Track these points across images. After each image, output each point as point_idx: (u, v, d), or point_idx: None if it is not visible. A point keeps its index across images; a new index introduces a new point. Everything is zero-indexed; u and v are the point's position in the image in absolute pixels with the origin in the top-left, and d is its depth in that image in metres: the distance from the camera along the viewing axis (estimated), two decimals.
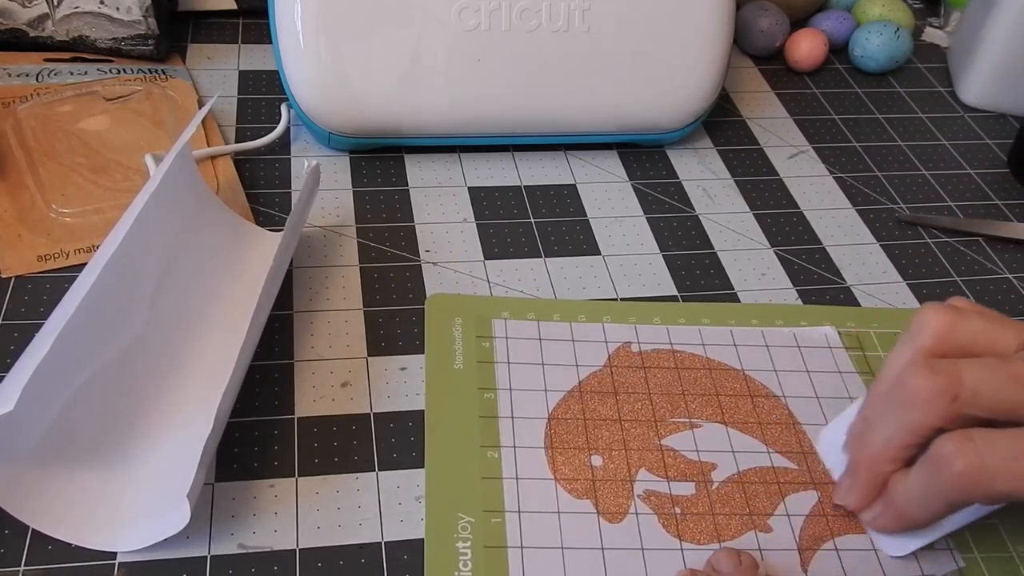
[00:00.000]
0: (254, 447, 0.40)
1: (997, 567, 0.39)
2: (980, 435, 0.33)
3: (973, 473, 0.33)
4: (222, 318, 0.44)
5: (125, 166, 0.52)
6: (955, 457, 0.33)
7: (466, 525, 0.38)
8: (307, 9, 0.51)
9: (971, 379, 0.34)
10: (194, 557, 0.36)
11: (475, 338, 0.45)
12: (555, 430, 0.42)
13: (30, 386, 0.34)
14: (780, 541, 0.39)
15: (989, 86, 0.66)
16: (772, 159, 0.60)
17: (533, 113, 0.55)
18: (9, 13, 0.57)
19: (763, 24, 0.67)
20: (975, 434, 0.33)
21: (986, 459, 0.33)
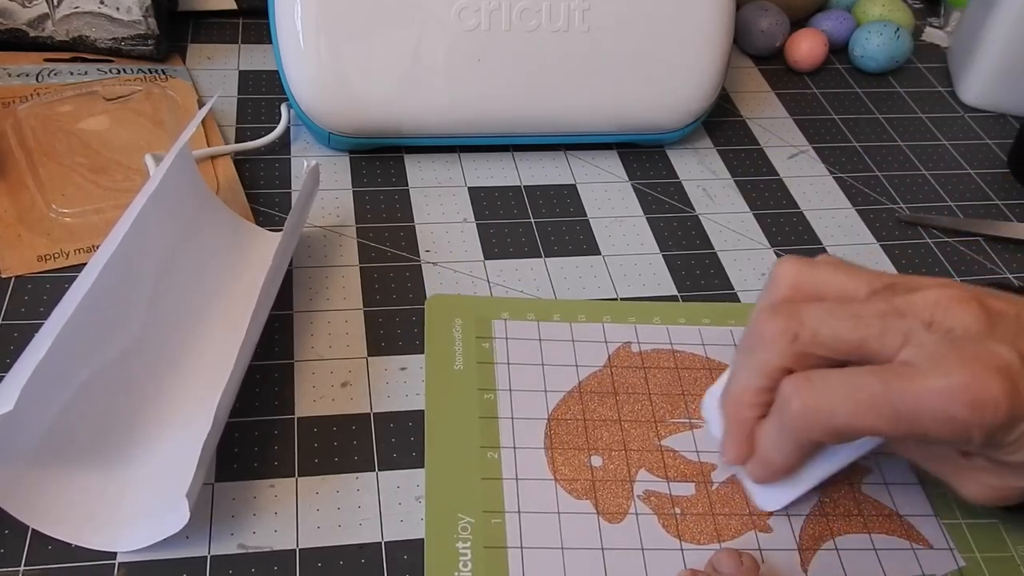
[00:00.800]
0: (254, 447, 0.40)
1: (997, 567, 0.39)
2: (818, 374, 0.34)
3: (810, 410, 0.34)
4: (222, 318, 0.44)
5: (125, 166, 0.52)
6: (793, 396, 0.34)
7: (466, 526, 0.38)
8: (307, 9, 0.51)
9: (811, 319, 0.34)
10: (194, 557, 0.36)
11: (475, 339, 0.45)
12: (555, 430, 0.42)
13: (30, 386, 0.34)
14: (780, 541, 0.39)
15: (989, 86, 0.66)
16: (772, 159, 0.60)
17: (533, 113, 0.55)
18: (9, 13, 0.57)
19: (763, 24, 0.67)
20: (813, 374, 0.34)
21: (821, 396, 0.34)
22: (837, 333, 0.34)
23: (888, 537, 0.40)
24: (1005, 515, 0.41)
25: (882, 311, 0.34)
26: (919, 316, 0.33)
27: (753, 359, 0.36)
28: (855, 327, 0.34)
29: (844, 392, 0.33)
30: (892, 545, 0.40)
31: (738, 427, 0.38)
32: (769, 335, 0.35)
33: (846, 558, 0.39)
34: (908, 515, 0.41)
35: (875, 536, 0.40)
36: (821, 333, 0.34)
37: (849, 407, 0.33)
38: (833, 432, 0.34)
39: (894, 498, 0.41)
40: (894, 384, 0.32)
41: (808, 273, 0.36)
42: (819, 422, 0.34)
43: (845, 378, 0.34)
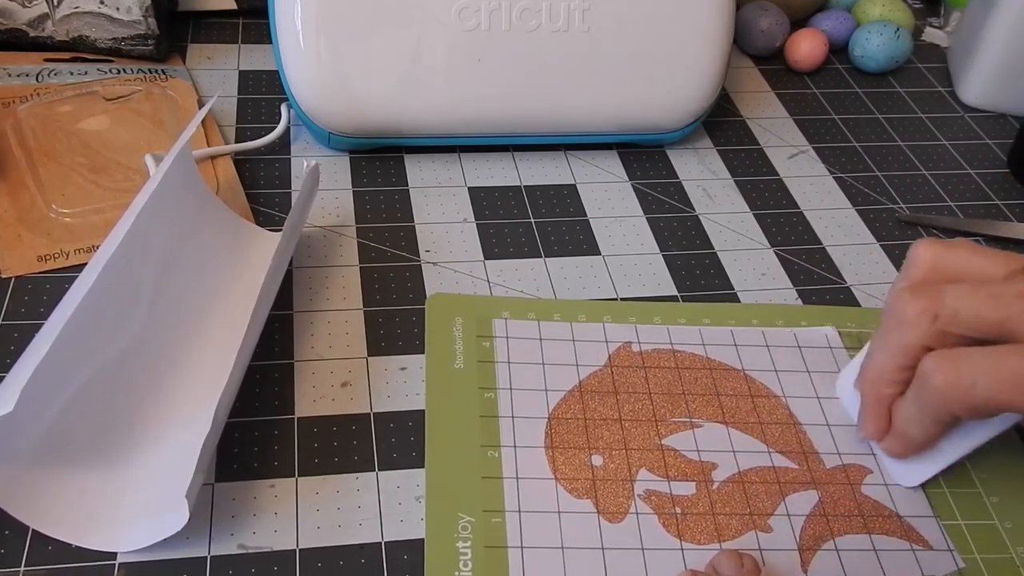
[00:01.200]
0: (254, 447, 0.40)
1: (997, 567, 0.39)
2: (960, 351, 0.35)
3: (951, 385, 0.35)
4: (222, 318, 0.44)
5: (125, 166, 0.52)
6: (934, 371, 0.35)
7: (466, 525, 0.38)
8: (307, 9, 0.51)
9: (951, 299, 0.35)
10: (194, 557, 0.36)
11: (475, 338, 0.45)
12: (555, 430, 0.42)
13: (30, 386, 0.34)
14: (780, 541, 0.39)
15: (989, 86, 0.66)
16: (772, 159, 0.60)
17: (533, 113, 0.55)
18: (9, 13, 0.57)
19: (763, 24, 0.67)
20: (955, 351, 0.35)
21: (963, 371, 0.34)
22: (978, 312, 0.35)
23: (888, 538, 0.40)
24: (1005, 516, 0.41)
25: (1021, 291, 0.34)
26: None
27: (893, 338, 0.37)
28: (996, 307, 0.34)
29: (986, 368, 0.34)
30: (892, 546, 0.40)
31: (877, 403, 0.39)
32: (910, 315, 0.36)
33: (846, 559, 0.39)
34: (908, 516, 0.41)
35: (875, 537, 0.40)
36: (962, 313, 0.35)
37: (991, 383, 0.34)
38: (974, 407, 0.35)
39: (894, 499, 0.41)
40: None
41: (945, 255, 0.37)
42: (960, 397, 0.35)
43: (987, 355, 0.34)
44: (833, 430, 0.44)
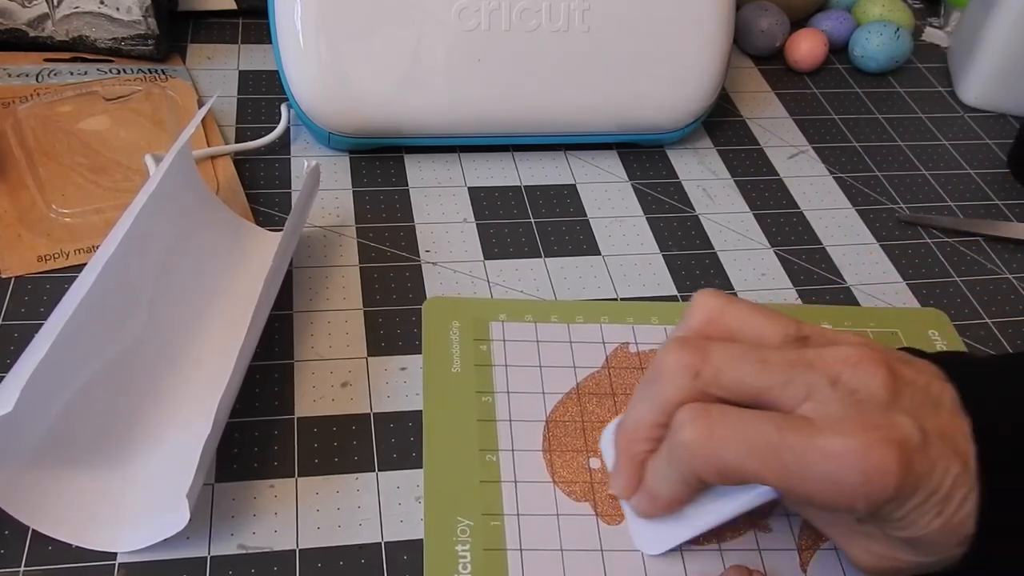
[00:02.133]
0: (254, 447, 0.40)
1: None
2: (716, 408, 0.33)
3: (700, 441, 0.32)
4: (222, 318, 0.44)
5: (125, 166, 0.52)
6: (685, 424, 0.33)
7: (465, 528, 0.38)
8: (307, 9, 0.51)
9: (717, 357, 0.33)
10: (194, 558, 0.36)
11: (472, 341, 0.45)
12: (553, 433, 0.42)
13: (29, 387, 0.34)
14: (779, 541, 0.39)
15: (989, 86, 0.66)
16: (772, 159, 0.60)
17: (533, 113, 0.55)
18: (9, 13, 0.57)
19: (763, 24, 0.67)
20: (711, 407, 0.33)
21: (715, 429, 0.32)
22: (740, 376, 0.33)
23: None
24: None
25: (790, 361, 0.33)
26: (826, 372, 0.32)
27: (651, 392, 0.35)
28: (760, 373, 0.33)
29: (738, 431, 0.32)
30: None
31: (629, 460, 0.37)
32: (671, 368, 0.34)
33: (845, 558, 0.39)
34: None
35: None
36: (724, 373, 0.33)
37: (740, 448, 0.32)
38: (720, 471, 0.33)
39: None
40: (789, 436, 0.31)
41: (725, 310, 0.35)
42: (707, 456, 0.32)
43: (742, 418, 0.32)
44: None
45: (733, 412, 0.33)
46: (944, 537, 0.32)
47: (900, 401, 0.32)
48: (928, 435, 0.31)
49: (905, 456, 0.30)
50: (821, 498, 0.31)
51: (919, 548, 0.33)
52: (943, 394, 0.33)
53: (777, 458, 0.31)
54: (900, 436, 0.30)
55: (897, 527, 0.32)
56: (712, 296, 0.36)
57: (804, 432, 0.31)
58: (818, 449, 0.31)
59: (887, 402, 0.31)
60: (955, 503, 0.31)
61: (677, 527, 0.37)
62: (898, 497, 0.31)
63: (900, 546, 0.33)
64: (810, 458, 0.31)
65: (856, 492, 0.30)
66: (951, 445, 0.31)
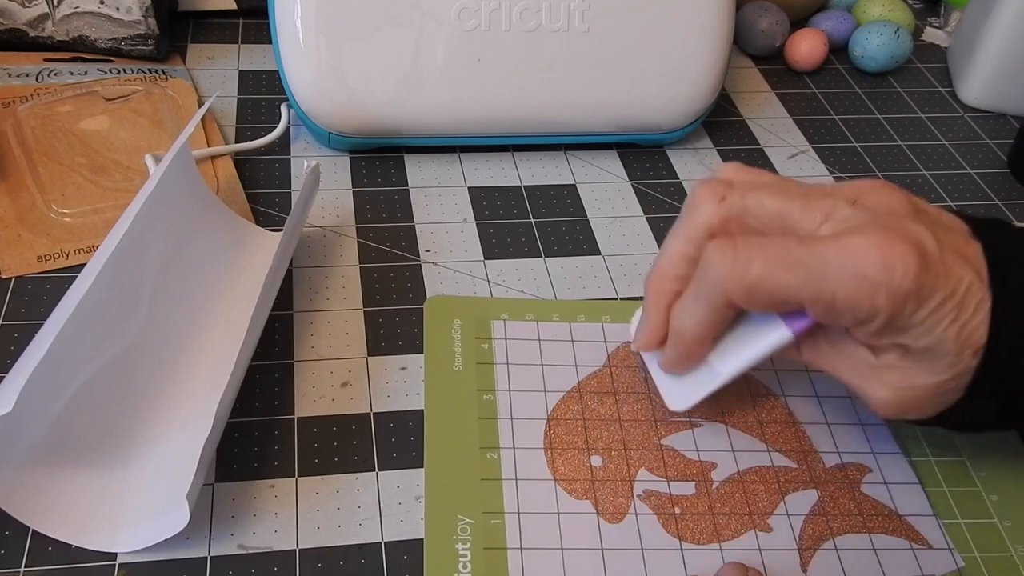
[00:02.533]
0: (254, 447, 0.40)
1: (997, 566, 0.39)
2: (740, 236, 0.35)
3: (727, 262, 0.34)
4: (222, 318, 0.44)
5: (125, 166, 0.52)
6: (713, 251, 0.35)
7: (465, 527, 0.38)
8: (307, 9, 0.51)
9: (742, 185, 0.36)
10: (194, 558, 0.36)
11: (474, 339, 0.45)
12: (554, 431, 0.42)
13: (29, 387, 0.34)
14: (780, 541, 0.39)
15: (989, 86, 0.66)
16: (772, 159, 0.60)
17: (533, 113, 0.55)
18: (9, 13, 0.57)
19: (763, 24, 0.67)
20: (737, 235, 0.35)
21: (740, 250, 0.34)
22: (762, 201, 0.35)
23: (888, 537, 0.40)
24: (1004, 515, 0.41)
25: (809, 191, 0.35)
26: (844, 196, 0.35)
27: (682, 224, 0.37)
28: (780, 197, 0.35)
29: (762, 249, 0.34)
30: (892, 545, 0.40)
31: (657, 301, 0.38)
32: (699, 197, 0.36)
33: (846, 558, 0.39)
34: (908, 515, 0.41)
35: (875, 536, 0.40)
36: (748, 197, 0.36)
37: (765, 261, 0.34)
38: (748, 287, 0.34)
39: (894, 498, 0.41)
40: (809, 243, 0.33)
41: (749, 169, 0.38)
42: (737, 276, 0.34)
43: (765, 240, 0.35)
44: (832, 429, 0.44)
45: (756, 237, 0.35)
46: (959, 345, 0.33)
47: (917, 217, 0.34)
48: (943, 244, 0.33)
49: (921, 254, 0.32)
50: (844, 297, 0.33)
51: (936, 362, 0.34)
52: (955, 223, 0.35)
53: (800, 265, 0.33)
54: (917, 238, 0.32)
55: (915, 334, 0.33)
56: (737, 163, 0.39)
57: (824, 240, 0.33)
58: (838, 248, 0.32)
59: (904, 215, 0.34)
60: (969, 310, 0.33)
61: (702, 379, 0.39)
62: (918, 294, 0.32)
63: (918, 369, 0.35)
64: (831, 258, 0.32)
65: (878, 283, 0.32)
66: (964, 258, 0.33)
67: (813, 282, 0.33)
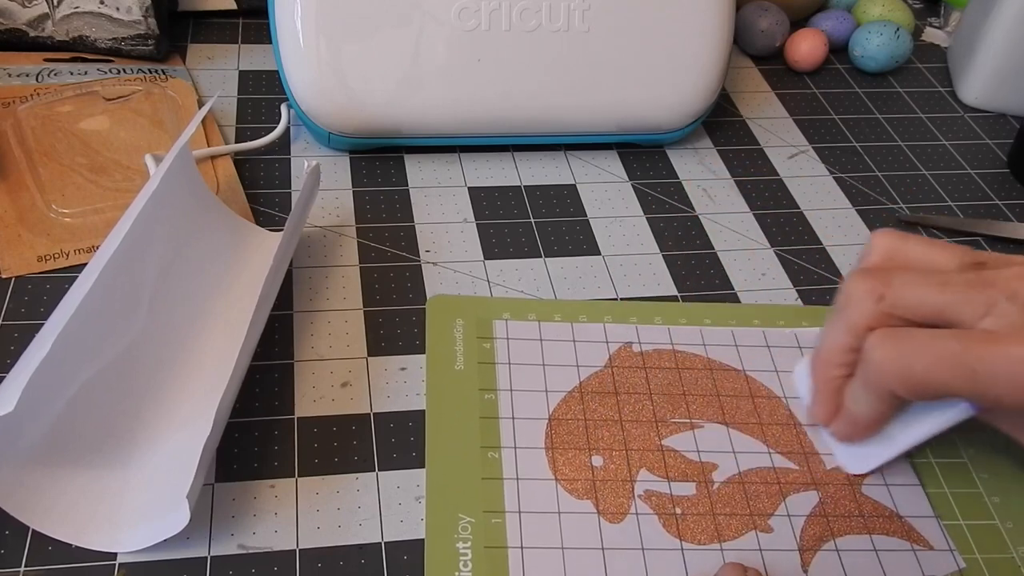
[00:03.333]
0: (254, 447, 0.40)
1: (998, 568, 0.39)
2: (902, 330, 0.36)
3: (889, 359, 0.35)
4: (222, 318, 0.44)
5: (125, 166, 0.52)
6: (876, 346, 0.36)
7: (466, 525, 0.38)
8: (307, 9, 0.51)
9: (899, 282, 0.36)
10: (194, 558, 0.36)
11: (476, 339, 0.45)
12: (556, 430, 0.42)
13: (30, 387, 0.34)
14: (781, 541, 0.39)
15: (989, 86, 0.66)
16: (772, 159, 0.60)
17: (533, 113, 0.55)
18: (9, 13, 0.57)
19: (763, 24, 0.67)
20: (898, 330, 0.36)
21: (903, 347, 0.35)
22: (921, 297, 0.36)
23: (889, 538, 0.40)
24: (1005, 515, 0.41)
25: (969, 280, 0.35)
26: (1004, 288, 0.34)
27: (841, 319, 0.38)
28: (940, 292, 0.35)
29: (925, 346, 0.35)
30: (893, 546, 0.40)
31: (825, 386, 0.40)
32: (857, 295, 0.37)
33: (847, 559, 0.39)
34: (909, 516, 0.41)
35: (876, 537, 0.40)
36: (906, 295, 0.36)
37: (928, 361, 0.34)
38: (911, 385, 0.35)
39: (895, 499, 0.41)
40: (974, 346, 0.34)
41: (902, 244, 0.38)
42: (898, 372, 0.35)
43: (927, 335, 0.35)
44: None
45: (918, 331, 0.35)
46: None
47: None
48: None
49: None
50: (1009, 400, 0.34)
51: None
52: None
53: (964, 368, 0.34)
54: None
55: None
56: (888, 234, 0.39)
57: (988, 342, 0.34)
58: (1003, 355, 0.33)
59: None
60: None
61: (882, 446, 0.40)
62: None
63: None
64: (996, 364, 0.33)
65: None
66: None
67: (978, 385, 0.34)
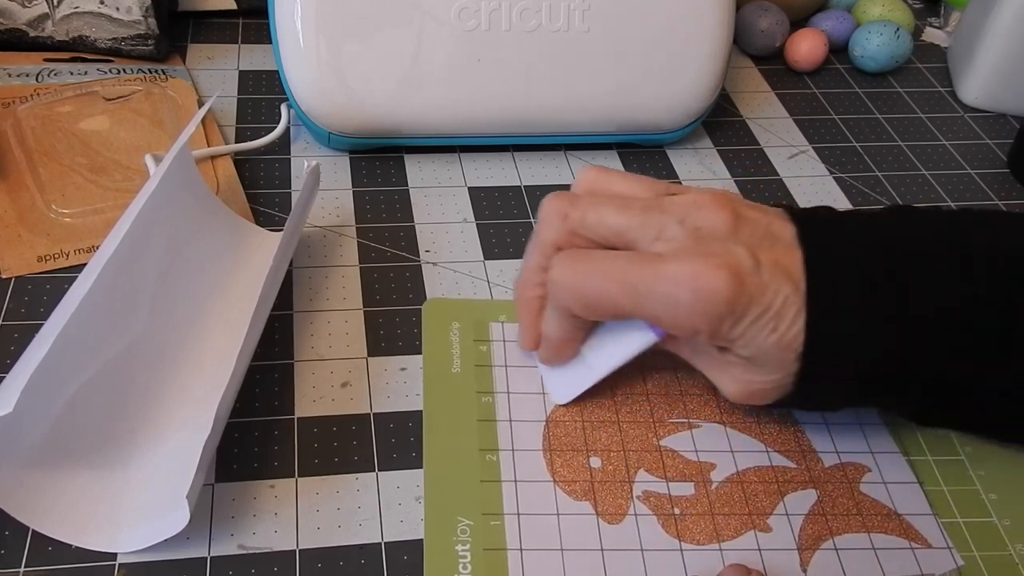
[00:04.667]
0: (254, 447, 0.40)
1: (996, 565, 0.39)
2: (580, 251, 0.38)
3: (566, 277, 0.37)
4: (222, 318, 0.44)
5: (125, 166, 0.52)
6: (555, 264, 0.38)
7: (465, 528, 0.38)
8: (307, 9, 0.51)
9: (584, 202, 0.38)
10: (194, 558, 0.36)
11: (472, 342, 0.45)
12: (553, 432, 0.42)
13: (30, 387, 0.34)
14: (779, 541, 0.39)
15: (989, 86, 0.66)
16: (772, 159, 0.60)
17: (533, 113, 0.55)
18: (9, 13, 0.57)
19: (763, 24, 0.67)
20: (576, 251, 0.38)
21: (578, 267, 0.37)
22: (601, 217, 0.37)
23: (887, 536, 0.40)
24: (1004, 514, 0.41)
25: (647, 205, 0.37)
26: (675, 213, 0.37)
27: (534, 239, 0.40)
28: (618, 215, 0.37)
29: (596, 264, 0.37)
30: (891, 544, 0.40)
31: (525, 308, 0.41)
32: (545, 214, 0.39)
33: (845, 558, 0.39)
34: (907, 514, 0.41)
35: (874, 536, 0.40)
36: (588, 216, 0.38)
37: (598, 278, 0.36)
38: (585, 303, 0.37)
39: (893, 497, 0.41)
40: (636, 264, 0.36)
41: (606, 177, 0.40)
42: (573, 289, 0.37)
43: (602, 256, 0.37)
44: (831, 429, 0.44)
45: (595, 251, 0.38)
46: (781, 352, 0.36)
47: (739, 235, 0.36)
48: (761, 262, 0.35)
49: (735, 277, 0.34)
50: (665, 318, 0.36)
51: (765, 366, 0.37)
52: (783, 231, 0.37)
53: (628, 284, 0.36)
54: (732, 261, 0.35)
55: (739, 345, 0.36)
56: (593, 168, 0.41)
57: (651, 261, 0.36)
58: (659, 273, 0.35)
59: (726, 236, 0.36)
60: (787, 321, 0.35)
61: (581, 374, 0.42)
62: (732, 314, 0.35)
63: (753, 368, 0.38)
64: (653, 282, 0.35)
65: (692, 310, 0.35)
66: (783, 271, 0.36)
67: (640, 303, 0.36)
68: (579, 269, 0.37)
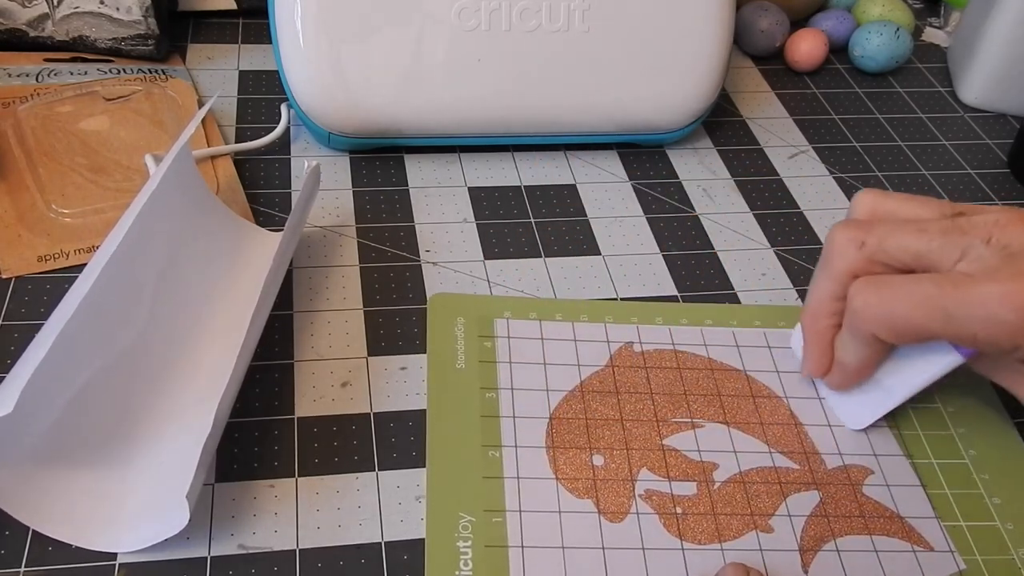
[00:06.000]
0: (254, 447, 0.40)
1: (998, 569, 0.39)
2: (882, 277, 0.38)
3: (871, 305, 0.37)
4: (222, 318, 0.44)
5: (125, 166, 0.52)
6: (857, 293, 0.38)
7: (467, 524, 0.38)
8: (307, 9, 0.51)
9: (879, 229, 0.38)
10: (194, 558, 0.36)
11: (477, 337, 0.45)
12: (556, 430, 0.42)
13: (30, 387, 0.34)
14: (781, 541, 0.39)
15: (989, 86, 0.66)
16: (772, 159, 0.60)
17: (533, 113, 0.55)
18: (9, 13, 0.57)
19: (763, 24, 0.67)
20: (878, 277, 0.38)
21: (882, 293, 0.37)
22: (900, 242, 0.37)
23: (889, 539, 0.40)
24: (1006, 516, 0.41)
25: (945, 227, 0.37)
26: (979, 234, 0.36)
27: (825, 269, 0.40)
28: (918, 238, 0.37)
29: (903, 290, 0.36)
30: (893, 547, 0.40)
31: (816, 338, 0.41)
32: (840, 244, 0.39)
33: (847, 559, 0.39)
34: (909, 517, 0.41)
35: (876, 538, 0.40)
36: (886, 241, 0.37)
37: (906, 304, 0.36)
38: (892, 328, 0.37)
39: (895, 500, 0.41)
40: (947, 288, 0.35)
41: (885, 200, 0.40)
42: (879, 316, 0.37)
43: (906, 280, 0.37)
44: (835, 431, 0.44)
45: (897, 277, 0.37)
46: None
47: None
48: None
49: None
50: (984, 337, 0.35)
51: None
52: None
53: (938, 307, 0.35)
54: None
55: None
56: (871, 192, 0.40)
57: (961, 283, 0.35)
58: (976, 295, 0.35)
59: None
60: None
61: (880, 399, 0.42)
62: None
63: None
64: (970, 304, 0.35)
65: (1015, 328, 0.34)
66: None
67: (953, 325, 0.35)
68: (885, 296, 0.37)
